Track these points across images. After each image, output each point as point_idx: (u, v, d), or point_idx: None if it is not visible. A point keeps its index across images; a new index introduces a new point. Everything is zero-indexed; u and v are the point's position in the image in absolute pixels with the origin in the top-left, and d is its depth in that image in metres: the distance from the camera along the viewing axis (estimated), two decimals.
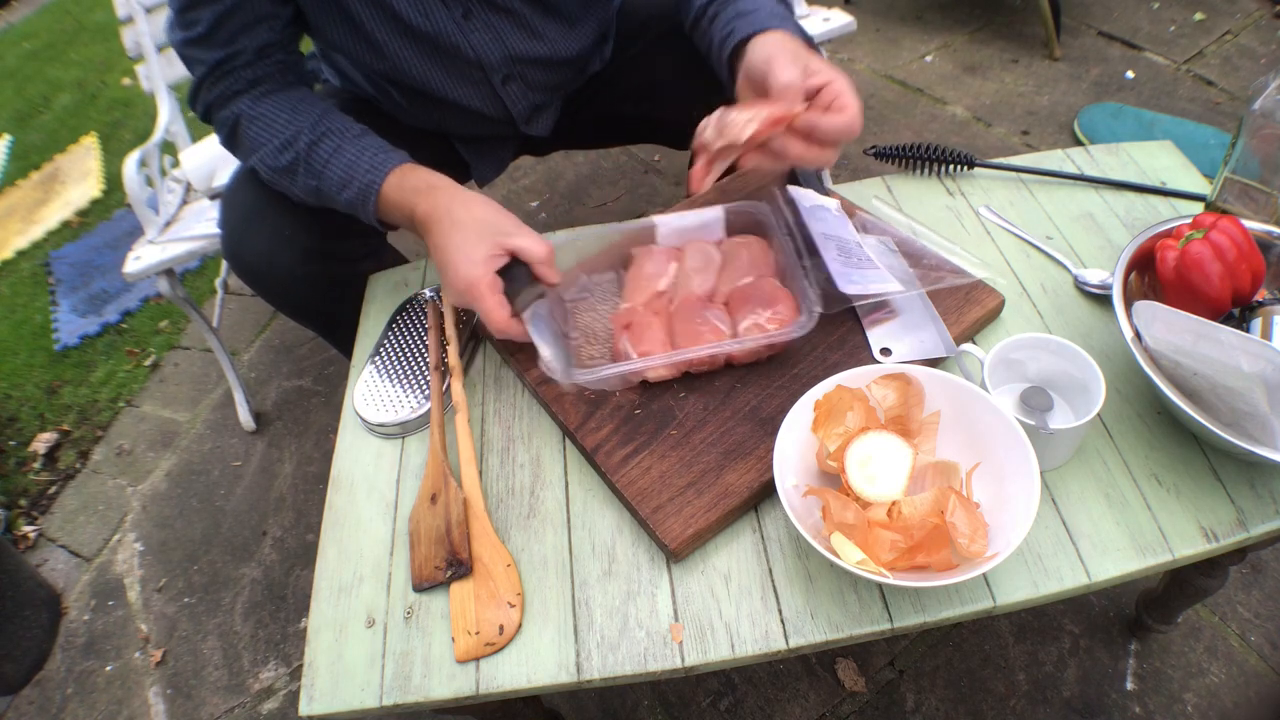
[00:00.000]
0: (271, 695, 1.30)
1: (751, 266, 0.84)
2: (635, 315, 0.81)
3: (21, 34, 3.50)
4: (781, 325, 0.77)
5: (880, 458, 0.65)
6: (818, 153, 0.76)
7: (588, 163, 2.14)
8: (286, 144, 0.86)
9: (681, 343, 0.78)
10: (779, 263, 0.84)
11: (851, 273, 0.79)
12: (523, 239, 0.78)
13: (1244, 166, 0.81)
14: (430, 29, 0.91)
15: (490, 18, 0.94)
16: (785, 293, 0.81)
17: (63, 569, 1.55)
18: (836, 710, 1.16)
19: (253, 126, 0.87)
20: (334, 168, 0.84)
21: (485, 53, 0.95)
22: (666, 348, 0.78)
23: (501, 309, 0.77)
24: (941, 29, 2.35)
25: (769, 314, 0.78)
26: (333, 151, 0.85)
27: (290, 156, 0.85)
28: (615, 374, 0.76)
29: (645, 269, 0.86)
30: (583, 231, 0.90)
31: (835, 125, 0.74)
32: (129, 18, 1.49)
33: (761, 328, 0.77)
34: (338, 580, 0.75)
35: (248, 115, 0.87)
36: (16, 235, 2.41)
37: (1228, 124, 1.87)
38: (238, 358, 1.85)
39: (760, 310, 0.79)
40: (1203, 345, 0.64)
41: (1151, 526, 0.67)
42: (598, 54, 1.09)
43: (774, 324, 0.77)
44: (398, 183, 0.83)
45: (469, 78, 0.98)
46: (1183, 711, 1.10)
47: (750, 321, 0.78)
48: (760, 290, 0.81)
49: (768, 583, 0.68)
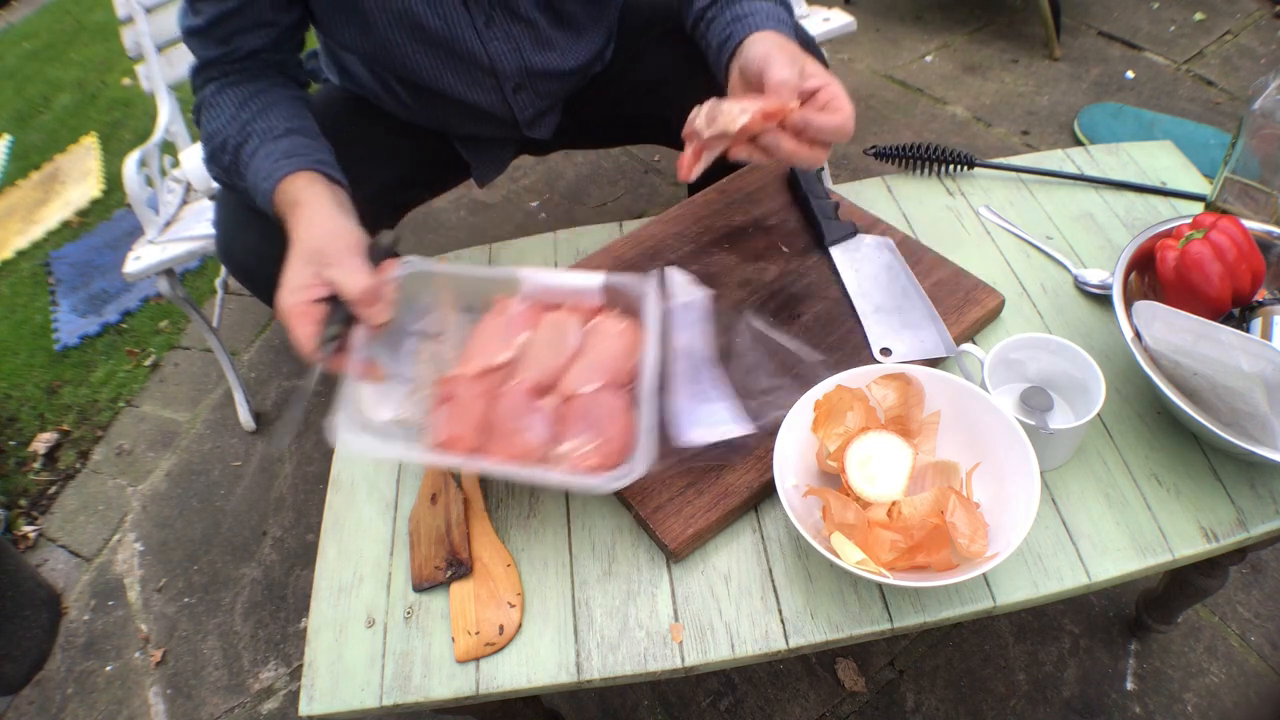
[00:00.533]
0: (271, 695, 1.30)
1: (610, 366, 0.69)
2: (459, 389, 0.70)
3: (21, 34, 3.50)
4: (598, 466, 0.63)
5: (880, 458, 0.65)
6: (808, 151, 0.75)
7: (588, 163, 2.14)
8: (221, 146, 0.85)
9: (491, 443, 0.67)
10: (639, 371, 0.69)
11: (698, 410, 0.70)
12: (339, 271, 0.69)
13: (1244, 166, 0.81)
14: (447, 33, 0.91)
15: (511, 28, 0.94)
16: (627, 421, 0.66)
17: (63, 569, 1.55)
18: (836, 710, 1.16)
19: (207, 114, 0.87)
20: (249, 173, 0.82)
21: (501, 62, 0.95)
22: (476, 438, 0.67)
23: (309, 341, 0.69)
24: (941, 29, 2.35)
25: (592, 447, 0.64)
26: (251, 155, 0.82)
27: (228, 158, 0.85)
28: (399, 455, 0.68)
29: (491, 330, 0.74)
30: (444, 268, 0.77)
31: (828, 124, 0.74)
32: (129, 18, 1.49)
33: (574, 463, 0.64)
34: (338, 580, 0.75)
35: (208, 102, 0.87)
36: (16, 235, 2.41)
37: (1228, 124, 1.87)
38: (238, 358, 1.85)
39: (586, 436, 0.65)
40: (1203, 345, 0.64)
41: (1151, 526, 0.67)
42: (600, 56, 1.09)
43: (590, 462, 0.64)
44: (280, 196, 0.79)
45: (481, 83, 0.98)
46: (1183, 711, 1.10)
47: (569, 446, 0.65)
48: (599, 408, 0.67)
49: (768, 583, 0.68)
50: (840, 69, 2.27)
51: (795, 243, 0.92)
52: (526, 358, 0.71)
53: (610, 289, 0.72)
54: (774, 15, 0.84)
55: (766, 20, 0.82)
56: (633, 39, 1.09)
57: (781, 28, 0.83)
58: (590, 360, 0.70)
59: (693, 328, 0.74)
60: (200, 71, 0.89)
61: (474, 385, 0.70)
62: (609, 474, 0.62)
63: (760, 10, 0.83)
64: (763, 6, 0.84)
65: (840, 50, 2.32)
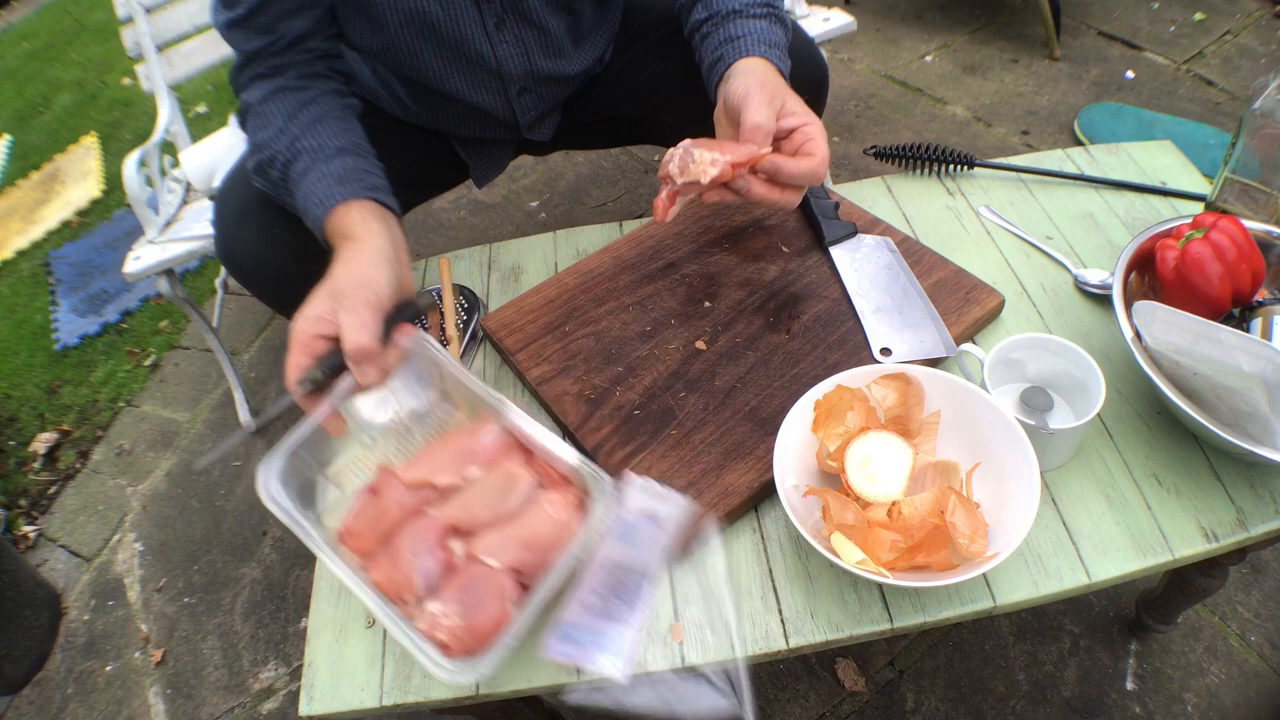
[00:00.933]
0: (271, 695, 1.30)
1: (528, 549, 0.62)
2: (387, 487, 0.67)
3: (21, 34, 3.50)
4: (446, 646, 0.58)
5: (880, 458, 0.65)
6: (779, 195, 0.76)
7: (588, 163, 2.14)
8: (270, 161, 0.84)
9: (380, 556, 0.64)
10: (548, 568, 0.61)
11: (584, 625, 0.62)
12: (346, 320, 0.66)
13: (1244, 166, 0.81)
14: (456, 34, 0.91)
15: (522, 31, 0.94)
16: (499, 616, 0.59)
17: (63, 569, 1.55)
18: (836, 710, 1.16)
19: (254, 122, 0.86)
20: (299, 192, 0.81)
21: (509, 65, 0.95)
22: (372, 543, 0.65)
23: (294, 371, 0.67)
24: (941, 29, 2.35)
25: (451, 623, 0.59)
26: (301, 174, 0.81)
27: (277, 173, 0.84)
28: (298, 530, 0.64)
29: (452, 448, 0.69)
30: (447, 362, 0.71)
31: (798, 171, 0.75)
32: (129, 18, 1.49)
33: (429, 626, 0.59)
34: (338, 580, 0.74)
35: (255, 110, 0.86)
36: (16, 235, 2.41)
37: (1228, 124, 1.87)
38: (238, 358, 1.85)
39: (456, 609, 0.60)
40: (1203, 345, 0.64)
41: (1151, 526, 0.67)
42: (600, 58, 1.09)
43: (441, 636, 0.59)
44: (331, 225, 0.78)
45: (486, 85, 0.98)
46: (1183, 711, 1.10)
47: (435, 609, 0.60)
48: (486, 588, 0.61)
49: (768, 583, 0.68)
50: (840, 69, 2.27)
51: (795, 243, 0.92)
52: (463, 493, 0.67)
53: (579, 473, 0.65)
54: (766, 38, 0.83)
55: (757, 45, 0.82)
56: (632, 41, 1.10)
57: (772, 53, 0.83)
58: (515, 533, 0.63)
59: (641, 541, 0.65)
60: (244, 68, 0.86)
61: (402, 491, 0.67)
62: (449, 660, 0.57)
63: (753, 32, 0.83)
64: (757, 27, 0.84)
65: (840, 50, 2.32)
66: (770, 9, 0.86)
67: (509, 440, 0.69)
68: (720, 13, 0.86)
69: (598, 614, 0.62)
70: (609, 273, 0.92)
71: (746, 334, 0.83)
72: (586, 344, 0.85)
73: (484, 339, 0.91)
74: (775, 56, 0.83)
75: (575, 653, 0.60)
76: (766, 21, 0.85)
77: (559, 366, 0.83)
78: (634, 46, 1.09)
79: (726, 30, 0.84)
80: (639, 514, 0.65)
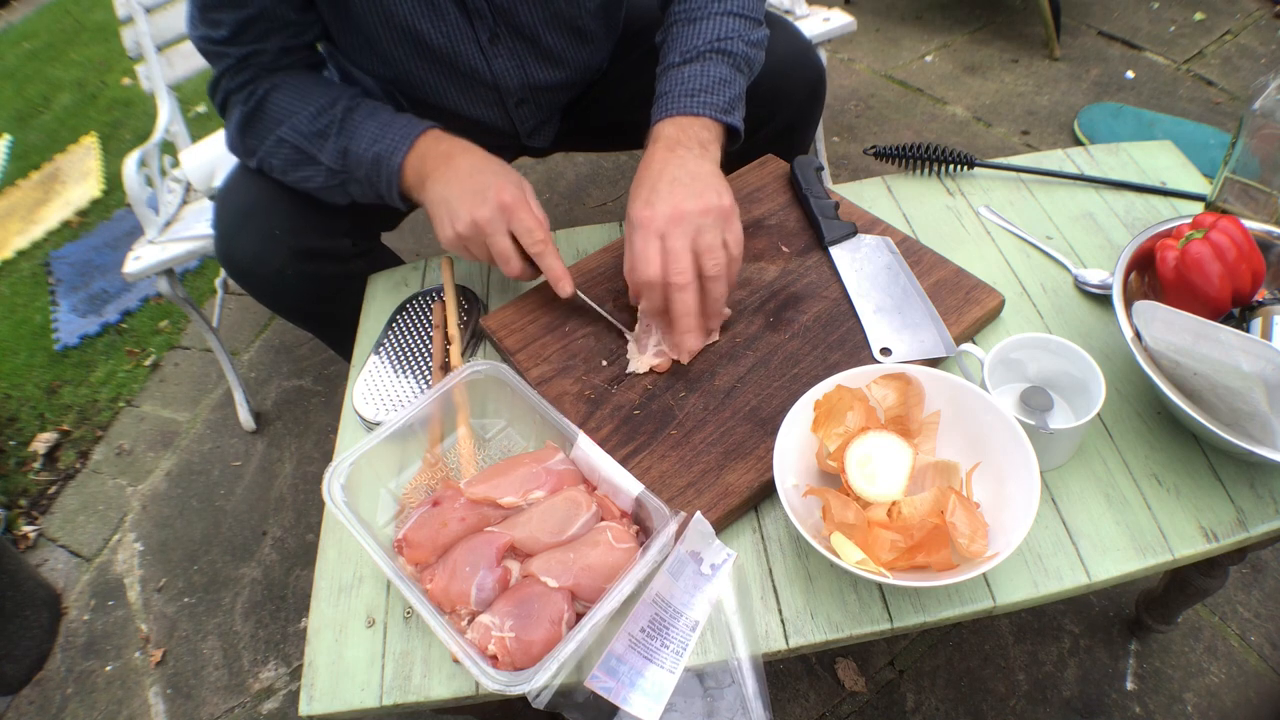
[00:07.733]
0: (271, 695, 1.30)
1: (587, 574, 0.63)
2: (448, 501, 0.68)
3: (21, 34, 3.50)
4: (497, 658, 0.60)
5: (880, 458, 0.65)
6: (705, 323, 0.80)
7: (588, 163, 2.14)
8: (323, 109, 0.86)
9: (438, 566, 0.65)
10: (604, 596, 0.62)
11: (626, 660, 0.62)
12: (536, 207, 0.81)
13: (1244, 166, 0.81)
14: (450, 50, 0.91)
15: (515, 44, 0.94)
16: (552, 636, 0.60)
17: (63, 569, 1.55)
18: (836, 710, 1.16)
19: (285, 95, 0.87)
20: (370, 126, 0.85)
21: (505, 79, 0.96)
22: (429, 554, 0.67)
23: (539, 229, 0.79)
24: (941, 29, 2.35)
25: (503, 636, 0.60)
26: (369, 114, 0.85)
27: (326, 120, 0.85)
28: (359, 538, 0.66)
29: (519, 469, 0.70)
30: (523, 388, 0.74)
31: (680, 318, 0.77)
32: (129, 18, 1.49)
33: (481, 638, 0.60)
34: (338, 580, 0.74)
35: (282, 85, 0.87)
36: (16, 235, 2.41)
37: (1228, 124, 1.87)
38: (238, 358, 1.85)
39: (510, 624, 0.60)
40: (1203, 345, 0.64)
41: (1151, 526, 0.67)
42: (599, 66, 1.09)
43: (493, 649, 0.60)
44: (425, 147, 0.84)
45: (484, 99, 0.98)
46: (1183, 711, 1.10)
47: (489, 620, 0.61)
48: (542, 606, 0.61)
49: (768, 583, 0.68)
50: (840, 69, 2.27)
51: (795, 242, 0.92)
52: (524, 515, 0.68)
53: (642, 502, 0.67)
54: (690, 86, 0.84)
55: (679, 100, 0.84)
56: (630, 46, 1.09)
57: (692, 108, 0.84)
58: (573, 558, 0.64)
59: (687, 579, 0.66)
60: (231, 74, 0.87)
61: (464, 507, 0.68)
62: (499, 672, 0.58)
63: (680, 85, 0.85)
64: (689, 74, 0.85)
65: (840, 50, 2.32)
66: (715, 45, 0.86)
67: (574, 468, 0.71)
68: (665, 65, 0.88)
69: (642, 651, 0.63)
70: (609, 272, 0.92)
71: (746, 334, 0.83)
72: (586, 344, 0.85)
73: (484, 339, 0.91)
74: (697, 103, 0.84)
75: (614, 687, 0.61)
76: (699, 64, 0.85)
77: (559, 366, 0.83)
78: (632, 51, 1.09)
79: (665, 80, 0.87)
80: (689, 554, 0.66)
